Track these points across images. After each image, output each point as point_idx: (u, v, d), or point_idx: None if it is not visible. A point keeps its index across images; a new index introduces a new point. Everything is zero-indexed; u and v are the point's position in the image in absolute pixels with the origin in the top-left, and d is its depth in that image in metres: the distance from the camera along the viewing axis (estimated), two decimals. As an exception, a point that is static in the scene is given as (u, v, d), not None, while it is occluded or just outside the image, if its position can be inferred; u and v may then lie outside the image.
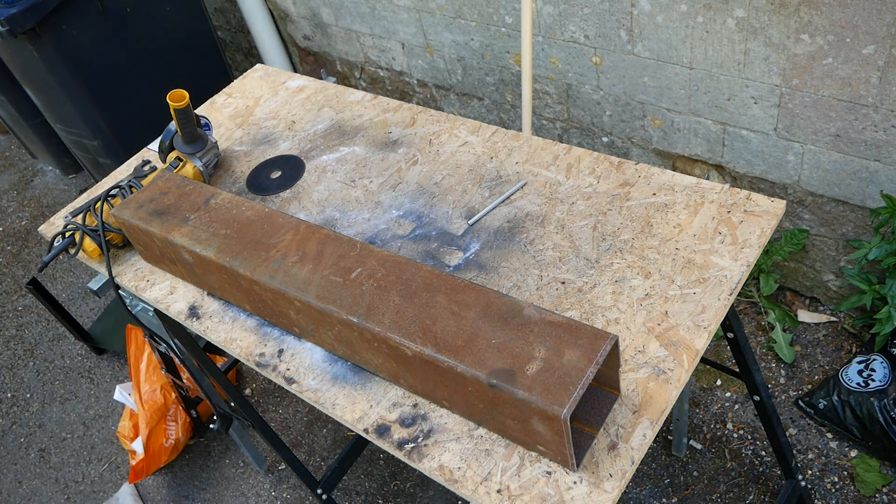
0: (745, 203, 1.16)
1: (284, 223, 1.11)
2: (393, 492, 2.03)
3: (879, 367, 1.76)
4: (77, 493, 2.26)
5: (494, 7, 2.19)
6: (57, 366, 2.66)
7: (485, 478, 0.92)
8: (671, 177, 1.24)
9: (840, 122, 1.69)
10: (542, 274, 1.14)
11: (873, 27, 1.50)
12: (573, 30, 2.03)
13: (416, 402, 1.03)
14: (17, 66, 2.57)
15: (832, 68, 1.62)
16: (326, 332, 1.05)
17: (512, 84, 2.38)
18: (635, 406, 0.94)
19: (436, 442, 0.97)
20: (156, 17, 2.60)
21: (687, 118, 1.98)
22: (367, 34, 2.71)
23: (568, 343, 0.87)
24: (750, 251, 1.09)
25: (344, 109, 1.61)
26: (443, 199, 1.33)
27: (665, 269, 1.10)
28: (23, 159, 3.73)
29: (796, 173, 1.86)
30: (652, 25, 1.85)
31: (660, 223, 1.17)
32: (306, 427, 2.26)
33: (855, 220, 1.84)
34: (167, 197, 1.22)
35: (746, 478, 1.83)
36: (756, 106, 1.81)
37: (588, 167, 1.30)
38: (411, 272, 1.00)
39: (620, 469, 0.89)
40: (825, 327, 2.07)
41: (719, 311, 1.03)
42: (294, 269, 1.04)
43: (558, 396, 0.81)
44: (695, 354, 0.98)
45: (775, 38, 1.65)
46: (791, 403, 1.94)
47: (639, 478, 1.90)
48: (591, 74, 2.10)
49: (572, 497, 0.88)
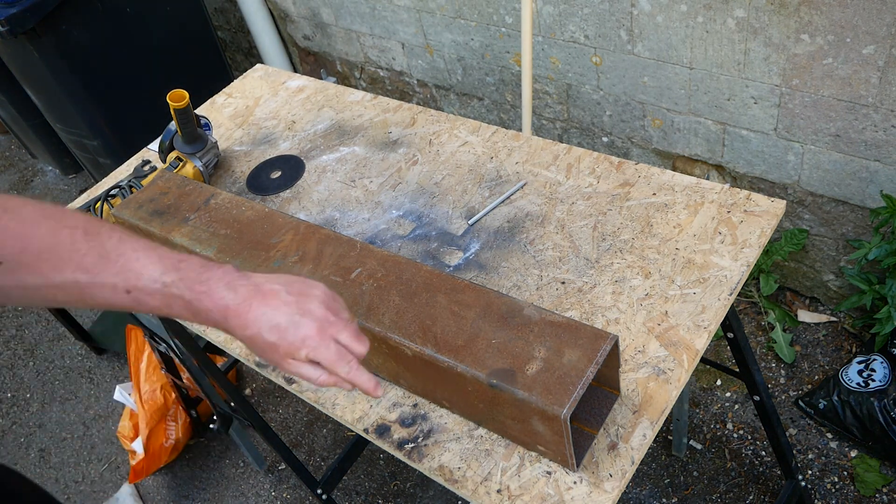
0: (746, 203, 1.16)
1: (284, 223, 1.11)
2: (393, 492, 2.03)
3: (879, 367, 1.76)
4: (77, 493, 2.26)
5: (494, 7, 2.19)
6: (57, 366, 2.66)
7: (485, 478, 0.92)
8: (671, 177, 1.24)
9: (840, 122, 1.69)
10: (542, 274, 1.14)
11: (873, 27, 1.50)
12: (573, 30, 2.03)
13: (416, 402, 1.03)
14: (17, 66, 2.57)
15: (832, 68, 1.61)
16: (326, 332, 1.05)
17: (512, 84, 2.38)
18: (635, 406, 0.94)
19: (436, 442, 0.97)
20: (156, 16, 2.60)
21: (687, 118, 1.98)
22: (367, 34, 2.71)
23: (568, 343, 0.87)
24: (750, 251, 1.09)
25: (344, 109, 1.61)
26: (443, 199, 1.33)
27: (665, 269, 1.10)
28: (23, 159, 3.73)
29: (796, 173, 1.86)
30: (652, 25, 1.85)
31: (660, 223, 1.17)
32: (306, 427, 2.26)
33: (855, 220, 1.84)
34: (167, 197, 1.22)
35: (746, 478, 1.83)
36: (756, 106, 1.81)
37: (588, 167, 1.30)
38: (411, 272, 1.00)
39: (620, 469, 0.89)
40: (825, 327, 2.07)
41: (719, 311, 1.03)
42: (294, 269, 1.04)
43: (558, 396, 0.81)
44: (695, 354, 0.98)
45: (775, 38, 1.65)
46: (791, 403, 1.94)
47: (639, 478, 1.90)
48: (591, 74, 2.10)
49: (572, 497, 0.88)
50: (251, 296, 0.73)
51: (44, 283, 0.71)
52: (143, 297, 0.72)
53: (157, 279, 0.72)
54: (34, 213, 0.72)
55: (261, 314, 0.73)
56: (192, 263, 0.74)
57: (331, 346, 0.74)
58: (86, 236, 0.72)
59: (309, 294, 0.75)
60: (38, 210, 0.72)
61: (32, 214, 0.71)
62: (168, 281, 0.72)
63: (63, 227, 0.71)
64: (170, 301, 0.72)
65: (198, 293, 0.72)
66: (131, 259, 0.72)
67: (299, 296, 0.75)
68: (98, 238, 0.72)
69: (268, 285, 0.75)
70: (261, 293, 0.74)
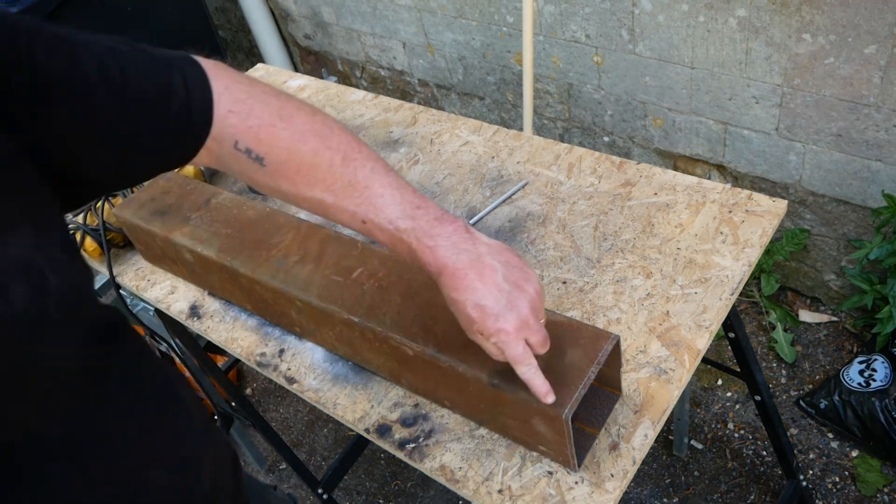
0: (747, 203, 1.16)
1: (286, 223, 1.11)
2: (394, 491, 2.03)
3: (880, 367, 1.75)
4: (78, 492, 2.26)
5: (496, 6, 2.19)
6: (58, 365, 2.65)
7: (486, 478, 0.92)
8: (672, 176, 1.23)
9: (842, 121, 1.69)
10: (543, 273, 1.14)
11: (875, 27, 1.50)
12: (574, 29, 2.03)
13: (417, 401, 1.03)
14: (18, 65, 2.57)
15: (834, 68, 1.61)
16: (327, 332, 1.05)
17: (513, 83, 2.38)
18: (637, 406, 0.94)
19: (437, 442, 0.97)
20: (156, 16, 2.60)
21: (688, 118, 1.97)
22: (369, 33, 2.71)
23: (569, 343, 0.87)
24: (751, 251, 1.09)
25: (345, 109, 1.61)
26: (444, 199, 1.32)
27: (666, 269, 1.09)
28: (24, 158, 3.73)
29: (798, 173, 1.86)
30: (653, 25, 1.85)
31: (661, 223, 1.17)
32: (307, 427, 2.26)
33: (856, 219, 1.84)
34: (168, 196, 1.22)
35: (747, 478, 1.83)
36: (757, 105, 1.81)
37: (589, 167, 1.30)
38: (412, 272, 1.00)
39: (622, 469, 0.89)
40: (826, 327, 2.06)
41: (721, 310, 1.03)
42: (295, 269, 1.04)
43: (559, 396, 0.81)
44: (696, 354, 0.98)
45: (777, 38, 1.65)
46: (792, 403, 1.94)
47: (640, 477, 1.90)
48: (593, 74, 2.10)
49: (574, 497, 0.87)
50: (471, 265, 0.75)
51: (294, 193, 0.77)
52: (375, 231, 0.77)
53: (392, 221, 0.75)
54: (305, 126, 0.76)
55: (472, 288, 0.74)
56: (428, 213, 0.76)
57: (520, 345, 0.76)
58: (343, 162, 0.76)
59: (523, 289, 0.76)
60: (308, 124, 0.76)
61: (303, 128, 0.75)
62: (402, 227, 0.75)
63: (326, 149, 0.76)
64: (396, 243, 0.77)
65: (424, 246, 0.75)
66: (375, 194, 0.76)
67: (514, 287, 0.75)
68: (352, 165, 0.76)
69: (489, 259, 0.76)
70: (480, 265, 0.75)
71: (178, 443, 0.67)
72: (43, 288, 0.52)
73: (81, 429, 0.58)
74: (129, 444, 0.62)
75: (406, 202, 0.76)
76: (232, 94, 0.73)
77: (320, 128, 0.77)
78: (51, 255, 0.54)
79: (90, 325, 0.60)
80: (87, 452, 0.58)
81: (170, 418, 0.68)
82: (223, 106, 0.72)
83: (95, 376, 0.60)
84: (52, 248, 0.54)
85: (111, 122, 0.65)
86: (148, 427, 0.65)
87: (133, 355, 0.68)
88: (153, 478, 0.63)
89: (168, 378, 0.71)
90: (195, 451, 0.69)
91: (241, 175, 0.78)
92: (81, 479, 0.57)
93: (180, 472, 0.66)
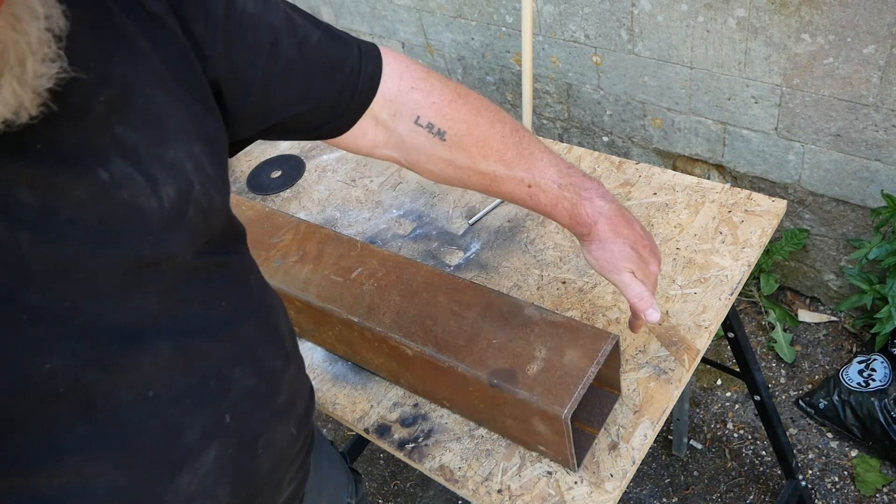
0: (746, 203, 1.16)
1: (285, 223, 1.11)
2: (393, 491, 2.03)
3: (880, 367, 1.76)
4: (77, 492, 2.26)
5: (495, 6, 2.19)
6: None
7: (485, 478, 0.92)
8: (672, 176, 1.24)
9: (841, 121, 1.69)
10: (542, 273, 1.14)
11: (874, 27, 1.50)
12: (573, 29, 2.03)
13: (416, 401, 1.03)
14: (17, 65, 2.57)
15: (833, 68, 1.61)
16: (327, 332, 1.05)
17: (512, 83, 2.38)
18: (636, 406, 0.94)
19: (436, 442, 0.97)
20: (156, 16, 2.60)
21: (687, 118, 1.97)
22: (368, 34, 2.71)
23: (569, 343, 0.87)
24: (751, 251, 1.09)
25: (344, 109, 1.61)
26: (443, 199, 1.32)
27: (666, 269, 1.09)
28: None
29: (797, 173, 1.86)
30: (652, 25, 1.85)
31: (661, 223, 1.17)
32: (306, 427, 2.26)
33: (855, 219, 1.84)
34: (167, 196, 1.22)
35: (747, 477, 1.83)
36: (757, 105, 1.81)
37: (589, 167, 1.30)
38: (412, 272, 1.00)
39: (621, 469, 0.89)
40: (825, 327, 2.06)
41: (720, 310, 1.03)
42: (294, 269, 1.04)
43: (559, 396, 0.81)
44: (696, 354, 0.98)
45: (776, 38, 1.65)
46: (791, 403, 1.94)
47: (639, 477, 1.90)
48: (592, 74, 2.10)
49: (573, 497, 0.88)
50: (619, 212, 0.84)
51: (470, 167, 0.81)
52: (538, 193, 0.82)
53: (556, 180, 0.81)
54: (477, 101, 0.82)
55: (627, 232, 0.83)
56: (577, 171, 0.84)
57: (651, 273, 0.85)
58: (512, 132, 0.82)
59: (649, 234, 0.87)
60: (479, 99, 0.82)
61: (476, 103, 0.81)
62: (563, 183, 0.81)
63: (498, 121, 0.81)
64: (557, 201, 0.82)
65: (582, 199, 0.82)
66: (537, 159, 0.82)
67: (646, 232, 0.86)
68: (518, 135, 0.82)
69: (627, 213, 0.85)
70: (625, 213, 0.84)
71: (267, 354, 0.70)
72: (189, 193, 0.58)
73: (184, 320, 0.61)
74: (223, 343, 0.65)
75: (559, 163, 0.83)
76: (413, 73, 0.79)
77: (487, 104, 0.83)
78: (201, 167, 0.59)
79: (213, 233, 0.64)
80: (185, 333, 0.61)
81: (262, 329, 0.71)
82: (406, 83, 0.78)
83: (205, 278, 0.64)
84: (204, 162, 0.60)
85: (291, 70, 0.69)
86: (242, 331, 0.67)
87: (243, 270, 0.71)
88: (239, 377, 0.66)
89: (265, 299, 0.73)
90: (280, 367, 0.72)
91: (412, 152, 0.81)
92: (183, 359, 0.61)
93: (265, 379, 0.69)
